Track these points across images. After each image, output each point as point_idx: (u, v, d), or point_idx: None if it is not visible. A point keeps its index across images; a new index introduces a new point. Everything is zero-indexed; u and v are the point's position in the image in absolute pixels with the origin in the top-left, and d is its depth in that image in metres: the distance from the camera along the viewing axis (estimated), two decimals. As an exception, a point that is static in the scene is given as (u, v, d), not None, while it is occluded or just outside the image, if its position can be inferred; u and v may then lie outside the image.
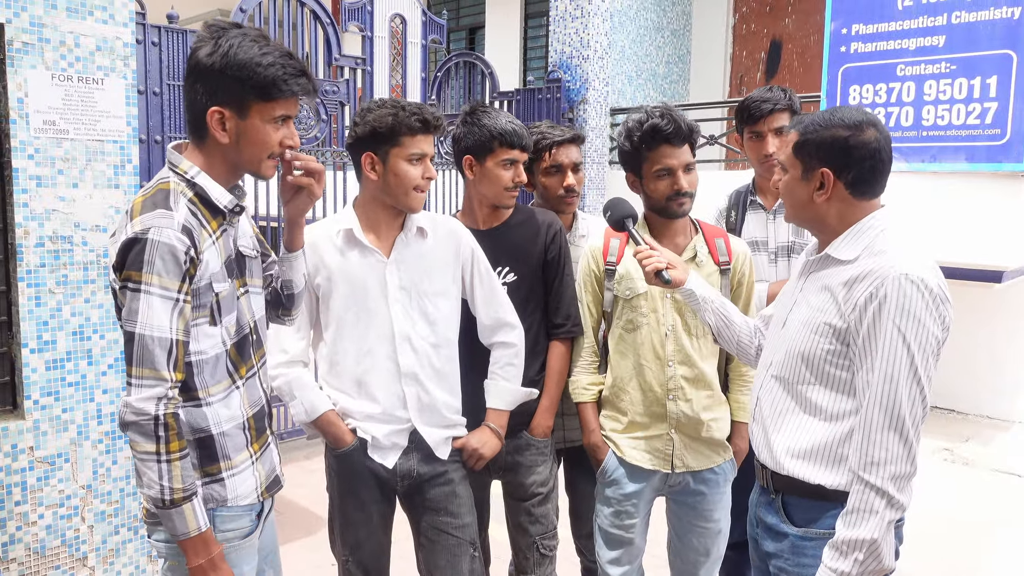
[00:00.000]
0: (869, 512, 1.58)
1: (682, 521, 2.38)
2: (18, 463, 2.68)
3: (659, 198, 2.26)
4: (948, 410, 6.34)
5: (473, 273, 2.26)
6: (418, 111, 2.05)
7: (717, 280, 2.31)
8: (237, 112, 1.65)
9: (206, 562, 1.64)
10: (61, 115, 2.68)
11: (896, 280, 1.58)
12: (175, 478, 1.58)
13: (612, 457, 2.34)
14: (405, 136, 2.05)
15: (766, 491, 1.85)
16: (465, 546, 2.22)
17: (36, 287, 2.68)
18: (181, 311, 1.60)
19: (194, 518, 1.61)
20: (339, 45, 5.06)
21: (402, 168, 2.06)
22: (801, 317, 1.77)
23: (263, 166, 1.73)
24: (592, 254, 2.41)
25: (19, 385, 2.71)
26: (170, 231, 1.57)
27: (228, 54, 1.62)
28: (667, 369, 2.27)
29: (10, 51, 2.56)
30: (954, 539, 4.04)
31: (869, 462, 1.59)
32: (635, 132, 2.25)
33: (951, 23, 5.21)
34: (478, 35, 11.10)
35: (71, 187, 2.72)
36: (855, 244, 1.71)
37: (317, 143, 4.94)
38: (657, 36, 7.89)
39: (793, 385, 1.77)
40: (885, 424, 1.58)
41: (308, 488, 4.31)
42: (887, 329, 1.58)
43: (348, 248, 2.12)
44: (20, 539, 2.70)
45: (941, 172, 5.30)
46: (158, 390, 1.57)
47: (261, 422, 1.85)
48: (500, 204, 2.41)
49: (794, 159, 1.75)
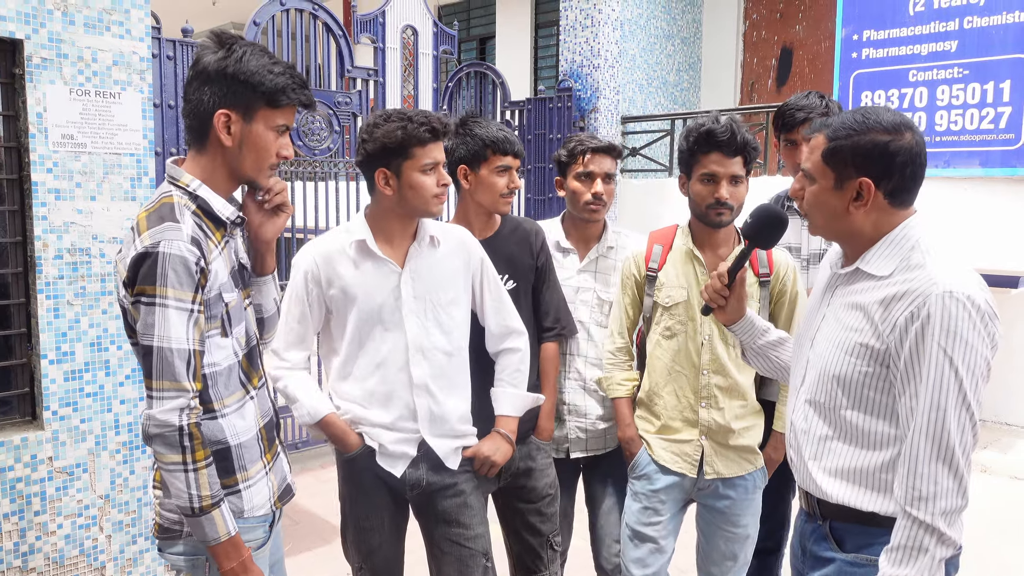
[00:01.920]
0: (918, 550, 1.45)
1: (710, 525, 2.39)
2: (37, 473, 2.70)
3: (700, 203, 2.27)
4: (965, 417, 6.28)
5: (483, 282, 2.28)
6: (425, 120, 2.05)
7: (756, 291, 2.31)
8: (243, 116, 1.68)
9: (238, 565, 1.66)
10: (79, 129, 2.72)
11: (940, 299, 1.45)
12: (202, 486, 1.60)
13: (644, 452, 2.38)
14: (416, 148, 2.05)
15: (812, 518, 1.73)
16: (478, 557, 2.22)
17: (55, 299, 2.71)
18: (196, 321, 1.62)
19: (223, 523, 1.63)
20: (351, 57, 5.10)
21: (417, 180, 2.07)
22: (832, 336, 1.64)
23: (262, 174, 1.75)
24: (635, 259, 2.45)
25: (38, 396, 2.74)
26: (180, 243, 1.58)
27: (241, 60, 1.66)
28: (701, 377, 2.29)
29: (29, 67, 2.60)
30: (973, 546, 3.99)
31: (917, 496, 1.46)
32: (692, 133, 2.27)
33: (963, 28, 5.19)
34: (489, 45, 11.15)
35: (89, 200, 2.76)
36: (890, 258, 1.57)
37: (330, 154, 4.97)
38: (667, 44, 7.90)
39: (829, 411, 1.64)
40: (933, 455, 1.45)
41: (323, 497, 4.32)
42: (932, 352, 1.45)
43: (362, 260, 2.13)
44: (39, 548, 2.72)
45: (955, 177, 5.28)
46: (180, 401, 1.58)
47: (271, 432, 1.87)
48: (496, 211, 2.44)
49: (825, 168, 1.59)
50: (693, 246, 2.33)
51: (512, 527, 2.56)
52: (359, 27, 5.19)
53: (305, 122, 4.78)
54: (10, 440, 2.65)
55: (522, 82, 9.94)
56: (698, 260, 2.32)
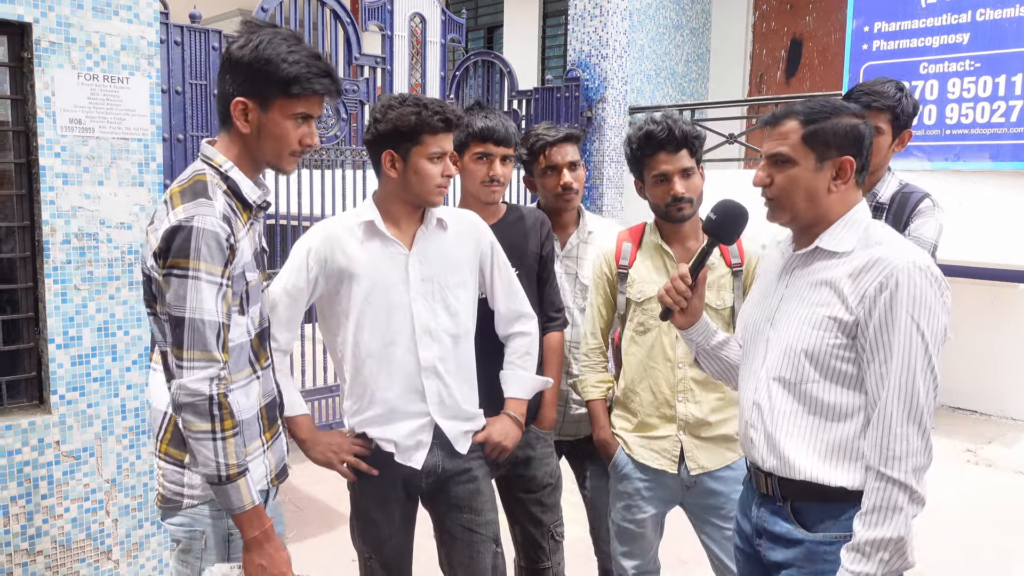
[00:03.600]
0: (893, 509, 1.53)
1: (709, 525, 2.34)
2: (44, 457, 2.72)
3: (659, 203, 2.30)
4: (971, 411, 6.28)
5: (493, 266, 2.28)
6: (440, 110, 2.05)
7: (729, 282, 2.31)
8: (260, 104, 1.71)
9: (260, 534, 1.70)
10: (87, 113, 2.72)
11: (907, 270, 1.56)
12: (230, 455, 1.64)
13: (622, 452, 2.38)
14: (427, 135, 2.05)
15: (770, 499, 1.77)
16: (488, 543, 2.22)
17: (62, 283, 2.71)
18: (224, 295, 1.67)
19: (248, 492, 1.67)
20: (359, 44, 5.08)
21: (423, 167, 2.06)
22: (797, 314, 1.70)
23: (283, 161, 1.78)
24: (605, 258, 2.45)
25: (45, 380, 2.74)
26: (213, 219, 1.63)
27: (258, 48, 1.68)
28: (677, 371, 2.29)
29: (37, 51, 2.60)
30: (977, 541, 4.00)
31: (891, 456, 1.55)
32: (633, 139, 2.30)
33: (975, 20, 5.15)
34: (496, 34, 11.11)
35: (96, 185, 2.76)
36: (848, 235, 1.67)
37: (337, 141, 4.96)
38: (676, 34, 7.86)
39: (797, 385, 1.70)
40: (905, 416, 1.55)
41: (328, 484, 4.33)
42: (901, 319, 1.55)
43: (369, 240, 2.11)
44: (46, 532, 2.73)
45: (965, 171, 5.25)
46: (211, 371, 1.62)
47: (273, 412, 1.90)
48: (480, 198, 2.44)
49: (805, 149, 1.67)
50: (662, 241, 2.35)
51: (515, 517, 2.57)
52: (367, 14, 5.17)
53: (312, 109, 4.78)
54: (17, 424, 2.66)
55: (530, 71, 9.91)
56: (667, 254, 2.33)
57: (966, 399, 6.25)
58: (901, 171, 2.80)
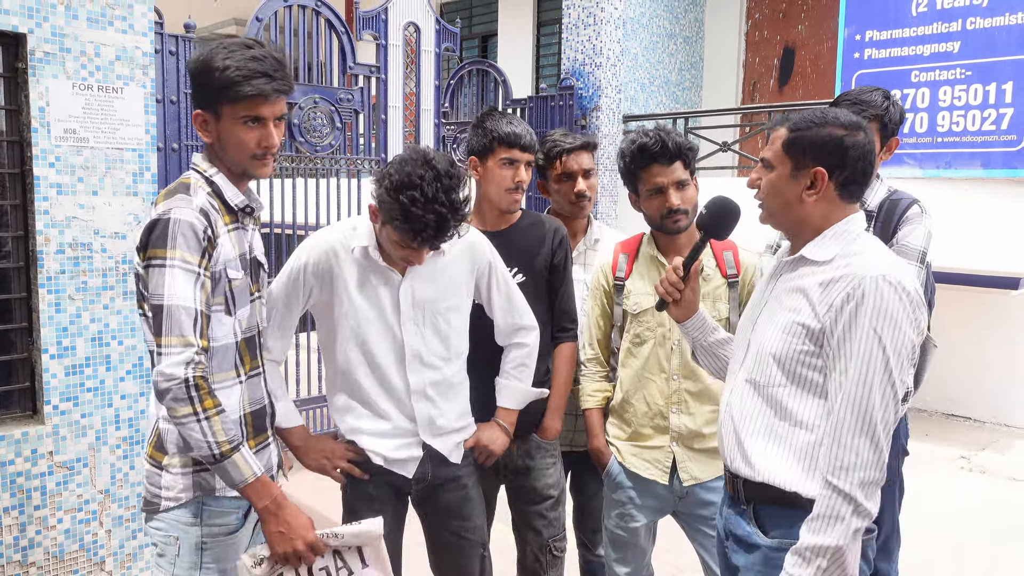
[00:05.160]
0: (835, 518, 1.53)
1: (701, 534, 2.34)
2: (38, 468, 2.71)
3: (654, 216, 2.30)
4: (965, 418, 6.29)
5: (491, 283, 2.28)
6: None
7: (725, 293, 2.32)
8: (213, 114, 1.76)
9: (271, 503, 1.72)
10: (81, 124, 2.72)
11: (874, 281, 1.55)
12: (218, 432, 1.65)
13: (615, 461, 2.39)
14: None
15: (736, 501, 1.78)
16: (476, 547, 2.27)
17: (56, 293, 2.71)
18: (202, 285, 1.70)
19: (247, 465, 1.68)
20: (353, 53, 5.09)
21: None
22: (772, 318, 1.72)
23: (249, 165, 1.81)
24: (602, 269, 2.47)
25: (39, 390, 2.74)
26: (188, 210, 1.69)
27: (199, 60, 1.73)
28: (671, 383, 2.29)
29: (32, 61, 2.60)
30: (970, 548, 4.01)
31: (838, 466, 1.54)
32: (626, 152, 2.29)
33: (966, 29, 5.19)
34: (491, 43, 11.14)
35: (91, 195, 2.76)
36: (831, 246, 1.67)
37: (331, 151, 4.97)
38: (670, 43, 7.89)
39: (765, 388, 1.70)
40: (856, 428, 1.54)
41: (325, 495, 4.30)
42: (863, 330, 1.54)
43: (365, 263, 2.12)
44: (39, 543, 2.72)
45: (956, 179, 5.27)
46: (186, 355, 1.64)
47: (260, 420, 1.91)
48: (501, 206, 2.43)
49: (784, 156, 1.69)
50: (657, 252, 2.36)
51: (516, 527, 2.57)
52: (361, 24, 5.18)
53: (307, 119, 4.78)
54: (11, 434, 2.65)
55: (524, 80, 9.93)
56: (663, 265, 2.33)
57: (960, 406, 6.27)
58: (892, 178, 2.82)
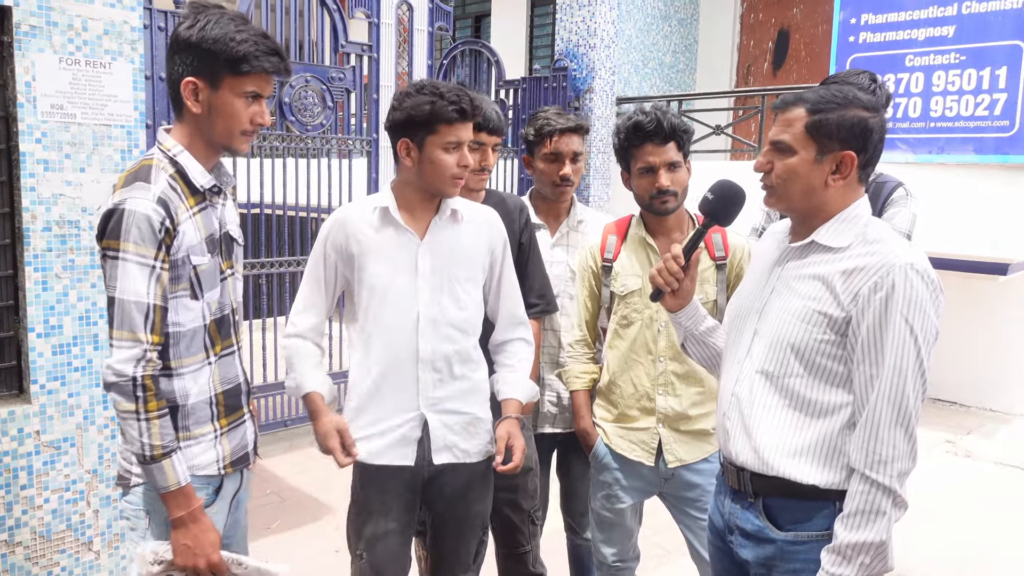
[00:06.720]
0: (876, 513, 1.52)
1: (689, 518, 2.36)
2: (24, 447, 2.69)
3: (643, 195, 2.30)
4: (951, 402, 6.34)
5: (503, 266, 2.25)
6: (457, 99, 2.00)
7: (713, 275, 2.31)
8: (210, 83, 1.73)
9: (187, 514, 1.73)
10: (68, 99, 2.68)
11: (903, 271, 1.52)
12: (154, 435, 1.68)
13: (601, 443, 2.40)
14: (442, 124, 2.00)
15: (742, 495, 1.74)
16: (476, 529, 2.27)
17: (43, 271, 2.68)
18: (158, 278, 1.69)
19: (173, 473, 1.71)
20: (345, 32, 5.04)
21: (438, 156, 2.02)
22: (786, 307, 1.66)
23: (235, 140, 1.80)
24: (591, 251, 2.46)
25: (25, 369, 2.71)
26: (145, 202, 1.67)
27: (205, 28, 1.70)
28: (658, 364, 2.30)
29: (18, 34, 2.55)
30: (956, 531, 4.04)
31: (876, 460, 1.52)
32: (621, 130, 2.29)
33: (961, 13, 5.18)
34: (484, 23, 11.06)
35: (78, 171, 2.72)
36: (846, 231, 1.63)
37: (323, 130, 4.93)
38: (664, 25, 7.85)
39: (780, 379, 1.66)
40: (893, 419, 1.52)
41: (312, 475, 4.33)
42: (895, 321, 1.52)
43: (383, 226, 2.09)
44: (26, 523, 2.71)
45: (948, 164, 5.28)
46: (136, 352, 1.66)
47: (235, 399, 1.91)
48: (469, 186, 2.37)
49: (808, 139, 1.62)
50: (646, 234, 2.35)
51: (494, 505, 2.56)
52: (353, 2, 5.13)
53: (298, 98, 4.74)
54: (-3, 413, 2.63)
55: (517, 61, 9.87)
56: (651, 247, 2.34)
57: (946, 390, 6.31)
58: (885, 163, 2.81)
